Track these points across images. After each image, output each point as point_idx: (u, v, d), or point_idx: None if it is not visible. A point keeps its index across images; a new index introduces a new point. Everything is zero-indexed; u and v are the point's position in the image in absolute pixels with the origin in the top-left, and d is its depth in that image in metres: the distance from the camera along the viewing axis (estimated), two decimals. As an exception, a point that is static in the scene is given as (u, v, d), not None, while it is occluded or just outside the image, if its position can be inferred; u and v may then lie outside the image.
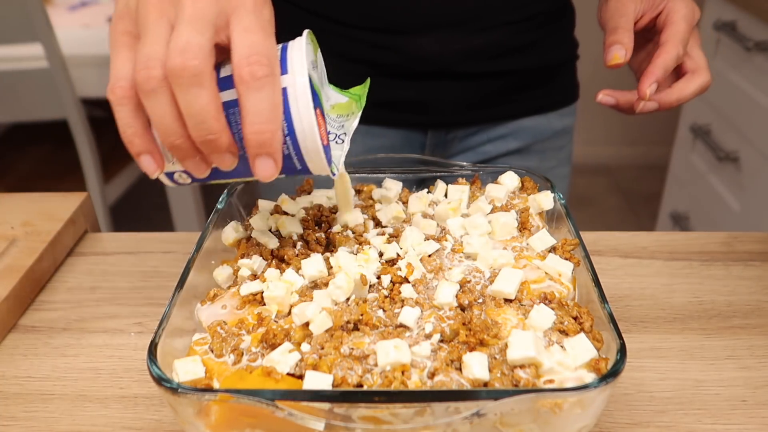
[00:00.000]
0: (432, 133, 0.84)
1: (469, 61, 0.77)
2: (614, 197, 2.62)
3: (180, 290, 0.47)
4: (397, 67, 0.77)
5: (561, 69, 0.86)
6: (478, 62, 0.78)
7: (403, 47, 0.76)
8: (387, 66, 0.77)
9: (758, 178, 1.44)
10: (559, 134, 0.87)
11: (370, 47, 0.76)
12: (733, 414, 0.49)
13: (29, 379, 0.54)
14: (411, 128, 0.83)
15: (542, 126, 0.85)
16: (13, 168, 1.80)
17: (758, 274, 0.65)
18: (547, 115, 0.85)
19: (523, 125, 0.85)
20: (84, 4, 1.97)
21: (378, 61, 0.77)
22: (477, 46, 0.77)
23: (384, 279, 0.49)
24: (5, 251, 0.65)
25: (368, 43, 0.76)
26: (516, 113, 0.84)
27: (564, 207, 0.56)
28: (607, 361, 0.41)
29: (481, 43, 0.77)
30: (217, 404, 0.39)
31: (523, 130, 0.85)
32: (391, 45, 0.76)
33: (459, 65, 0.77)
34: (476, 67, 0.78)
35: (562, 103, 0.87)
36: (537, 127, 0.85)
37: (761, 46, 1.40)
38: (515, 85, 0.82)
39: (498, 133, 0.85)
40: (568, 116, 0.88)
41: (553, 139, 0.87)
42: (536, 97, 0.84)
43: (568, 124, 0.88)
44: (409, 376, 0.40)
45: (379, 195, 0.60)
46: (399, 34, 0.75)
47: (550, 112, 0.86)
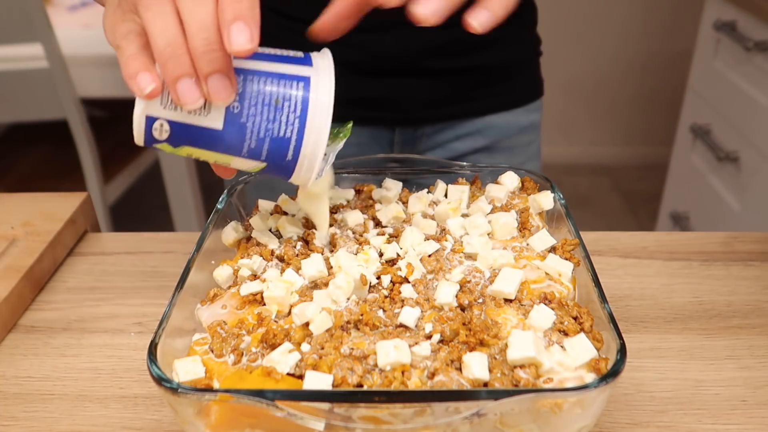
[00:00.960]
0: (399, 130, 0.85)
1: (432, 57, 0.78)
2: (614, 197, 2.62)
3: (180, 290, 0.47)
4: (362, 64, 0.78)
5: (524, 66, 0.87)
6: (442, 59, 0.79)
7: (366, 45, 0.77)
8: (352, 63, 0.78)
9: (758, 178, 1.44)
10: (526, 130, 0.88)
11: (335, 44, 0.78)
12: (733, 414, 0.49)
13: (29, 379, 0.54)
14: (378, 125, 0.84)
15: (509, 122, 0.87)
16: (13, 168, 1.80)
17: (758, 274, 0.65)
18: (513, 111, 0.87)
19: (490, 122, 0.86)
20: (84, 4, 1.97)
21: (344, 59, 0.78)
22: (439, 43, 0.78)
23: (384, 279, 0.49)
24: (5, 251, 0.65)
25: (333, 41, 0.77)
26: (482, 110, 0.85)
27: (564, 207, 0.56)
28: (607, 361, 0.41)
29: (443, 39, 0.77)
30: (217, 404, 0.39)
31: (491, 126, 0.86)
32: (354, 42, 0.76)
33: (422, 62, 0.78)
34: (440, 64, 0.79)
35: (527, 100, 0.88)
36: (504, 123, 0.86)
37: (761, 46, 1.40)
38: (480, 81, 0.83)
39: (466, 130, 0.85)
40: (534, 112, 0.89)
41: (521, 135, 0.88)
42: (501, 94, 0.85)
43: (535, 120, 0.90)
44: (409, 376, 0.40)
45: (379, 195, 0.60)
46: (362, 32, 0.76)
47: (516, 109, 0.87)
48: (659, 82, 2.64)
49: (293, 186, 0.62)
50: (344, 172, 0.63)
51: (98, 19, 1.96)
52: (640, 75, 2.65)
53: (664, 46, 2.56)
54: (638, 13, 2.53)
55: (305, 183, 0.47)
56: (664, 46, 2.56)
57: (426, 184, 0.62)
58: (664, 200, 1.91)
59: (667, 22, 2.52)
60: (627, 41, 2.58)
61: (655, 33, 2.56)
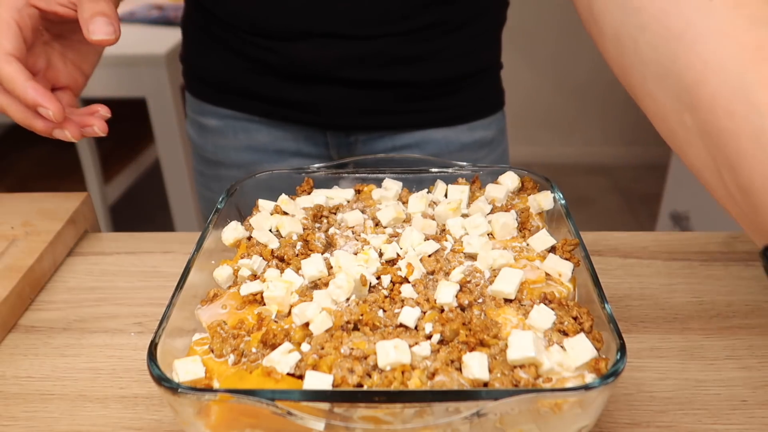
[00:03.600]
0: (330, 134, 0.86)
1: (351, 68, 0.78)
2: (614, 197, 2.63)
3: (180, 290, 0.47)
4: (283, 68, 0.80)
5: (470, 80, 0.83)
6: (362, 70, 0.78)
7: (284, 51, 0.78)
8: (274, 67, 0.80)
9: (758, 178, 1.44)
10: (469, 147, 0.85)
11: (258, 48, 0.80)
12: (734, 414, 0.49)
13: (29, 379, 0.54)
14: (308, 127, 0.85)
15: (449, 138, 0.84)
16: (13, 168, 1.80)
17: (758, 274, 0.65)
18: (455, 128, 0.84)
19: (429, 136, 0.84)
20: (84, 4, 1.97)
21: (266, 62, 0.81)
22: (356, 54, 0.77)
23: (384, 279, 0.49)
24: (5, 251, 0.65)
25: (256, 45, 0.80)
26: (419, 123, 0.84)
27: (564, 207, 0.56)
28: (607, 361, 0.41)
29: (361, 51, 0.77)
30: (217, 404, 0.39)
31: (429, 141, 0.84)
32: (274, 48, 0.79)
33: (339, 71, 0.78)
34: (361, 75, 0.79)
35: (473, 117, 0.85)
36: (444, 139, 0.84)
37: (761, 46, 1.40)
38: (414, 95, 0.81)
39: (403, 141, 0.84)
40: (482, 129, 0.86)
41: (463, 152, 0.85)
42: (440, 109, 0.83)
43: (483, 137, 0.86)
44: (409, 376, 0.40)
45: (378, 195, 0.60)
46: (279, 40, 0.78)
47: (458, 125, 0.84)
48: (659, 82, 2.64)
49: (293, 186, 0.62)
50: (344, 172, 0.63)
51: (98, 19, 1.93)
52: (640, 75, 2.64)
53: (664, 46, 2.56)
54: (638, 13, 2.52)
55: None
56: (664, 46, 2.56)
57: (426, 182, 0.62)
58: (664, 200, 1.91)
59: (667, 22, 2.52)
60: (627, 41, 2.57)
61: (655, 33, 2.55)
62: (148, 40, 1.65)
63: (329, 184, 0.62)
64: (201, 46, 0.86)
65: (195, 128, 0.91)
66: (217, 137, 0.88)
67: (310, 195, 0.61)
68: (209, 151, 0.90)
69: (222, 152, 0.89)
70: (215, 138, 0.88)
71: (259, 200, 0.59)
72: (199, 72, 0.89)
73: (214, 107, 0.87)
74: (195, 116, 0.90)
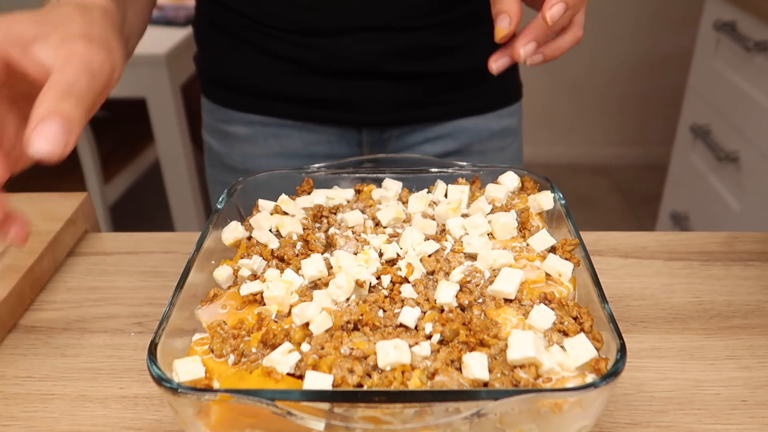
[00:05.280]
0: (367, 131, 0.85)
1: (395, 61, 0.78)
2: (614, 197, 2.62)
3: (180, 290, 0.47)
4: (323, 66, 0.78)
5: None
6: (405, 62, 0.78)
7: (327, 48, 0.77)
8: (313, 65, 0.79)
9: (758, 178, 1.44)
10: (498, 135, 0.87)
11: (296, 46, 0.78)
12: (734, 414, 0.49)
13: (29, 379, 0.54)
14: (344, 126, 0.84)
15: (480, 127, 0.86)
16: (13, 168, 1.80)
17: (758, 274, 0.65)
18: (484, 116, 0.86)
19: (460, 126, 0.85)
20: (84, 4, 1.97)
21: (305, 60, 0.79)
22: (401, 47, 0.77)
23: (384, 279, 0.49)
24: (5, 251, 0.65)
25: (293, 43, 0.78)
26: (451, 114, 0.84)
27: (564, 207, 0.56)
28: (607, 361, 0.41)
29: (406, 44, 0.77)
30: (217, 404, 0.39)
31: (461, 130, 0.85)
32: (314, 45, 0.77)
33: (384, 65, 0.78)
34: (403, 68, 0.79)
35: (500, 104, 0.87)
36: (475, 128, 0.85)
37: (761, 46, 1.40)
38: (448, 85, 0.82)
39: (435, 133, 0.85)
40: (508, 117, 0.88)
41: (493, 140, 0.87)
42: (471, 98, 0.84)
43: (509, 125, 0.88)
44: (409, 376, 0.40)
45: (378, 195, 0.60)
46: (322, 36, 0.77)
47: (487, 113, 0.86)
48: (659, 82, 2.64)
49: (293, 186, 0.62)
50: (344, 172, 0.63)
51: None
52: (640, 75, 2.65)
53: (664, 46, 2.57)
54: (638, 13, 2.53)
55: None
56: (664, 46, 2.56)
57: (426, 182, 0.62)
58: (664, 200, 1.91)
59: (667, 22, 2.53)
60: (627, 41, 2.58)
61: (655, 33, 2.56)
62: (148, 40, 1.64)
63: (329, 184, 0.62)
64: (224, 50, 0.83)
65: (217, 136, 0.87)
66: (246, 145, 0.85)
67: (310, 195, 0.61)
68: (236, 160, 0.86)
69: (251, 161, 0.85)
70: (243, 146, 0.85)
71: (259, 200, 0.59)
72: (221, 77, 0.85)
73: (240, 113, 0.84)
74: (217, 124, 0.87)
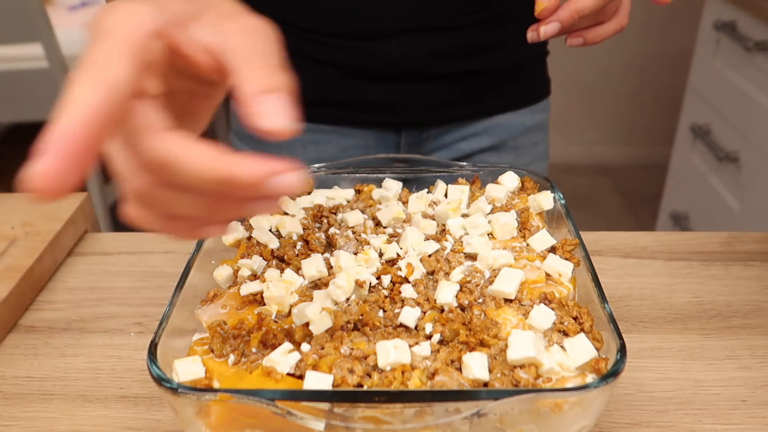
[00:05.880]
0: (406, 133, 0.85)
1: (439, 62, 0.78)
2: (614, 197, 2.62)
3: (180, 290, 0.47)
4: (367, 69, 0.78)
5: (529, 66, 0.87)
6: (449, 63, 0.79)
7: (371, 51, 0.77)
8: (357, 68, 0.78)
9: (758, 178, 1.44)
10: (532, 130, 0.88)
11: (339, 51, 0.78)
12: (734, 414, 0.49)
13: (29, 379, 0.54)
14: (383, 128, 0.84)
15: (515, 122, 0.86)
16: (13, 168, 1.80)
17: (758, 274, 0.65)
18: (519, 112, 0.86)
19: (496, 122, 0.85)
20: (84, 4, 1.97)
21: (348, 64, 0.79)
22: (445, 48, 0.77)
23: (384, 279, 0.49)
24: (5, 251, 0.65)
25: (337, 47, 0.77)
26: (488, 111, 0.85)
27: (564, 207, 0.56)
28: (607, 361, 0.41)
29: (450, 44, 0.77)
30: (217, 404, 0.39)
31: (496, 126, 0.86)
32: (359, 49, 0.77)
33: (428, 66, 0.78)
34: (446, 68, 0.79)
35: (533, 100, 0.88)
36: (510, 123, 0.86)
37: (761, 46, 1.40)
38: (487, 83, 0.82)
39: (472, 130, 0.85)
40: (540, 112, 0.89)
41: (527, 135, 0.88)
42: (507, 95, 0.85)
43: (541, 120, 0.89)
44: (409, 376, 0.40)
45: (379, 195, 0.60)
46: (367, 40, 0.77)
47: (522, 109, 0.87)
48: (659, 82, 2.64)
49: (293, 186, 0.62)
50: (344, 172, 0.63)
51: (98, 19, 1.93)
52: (640, 75, 2.65)
53: (664, 46, 2.56)
54: (638, 13, 2.52)
55: None
56: (664, 46, 2.56)
57: (426, 182, 0.62)
58: (664, 200, 1.91)
59: (667, 22, 2.53)
60: (627, 41, 2.58)
61: (655, 33, 2.56)
62: (148, 40, 1.64)
63: (329, 184, 0.62)
64: None
65: (251, 144, 0.86)
66: (282, 152, 0.84)
67: (310, 195, 0.61)
68: None
69: None
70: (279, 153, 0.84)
71: (259, 200, 0.59)
72: None
73: None
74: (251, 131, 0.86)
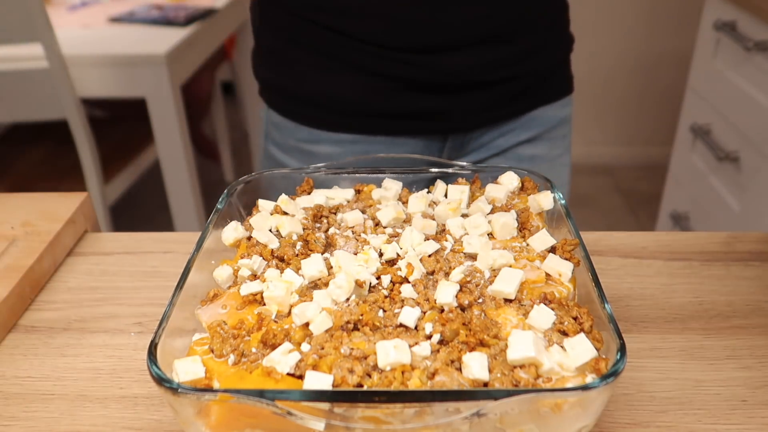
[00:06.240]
0: (452, 138, 0.86)
1: (491, 70, 0.81)
2: (614, 197, 2.62)
3: (180, 290, 0.47)
4: (429, 81, 0.79)
5: (561, 63, 0.90)
6: (502, 70, 0.81)
7: (436, 64, 0.78)
8: (417, 81, 0.79)
9: (758, 178, 1.44)
10: (562, 123, 0.91)
11: (403, 65, 0.79)
12: (734, 414, 0.49)
13: (29, 379, 0.54)
14: (431, 135, 0.85)
15: (548, 116, 0.89)
16: (13, 168, 1.80)
17: (758, 274, 0.65)
18: (551, 105, 0.89)
19: (532, 116, 0.88)
20: (84, 4, 1.97)
21: (409, 77, 0.80)
22: (503, 56, 0.80)
23: (384, 279, 0.49)
24: (5, 251, 0.65)
25: (401, 61, 0.78)
26: (526, 107, 0.87)
27: (564, 207, 0.56)
28: (608, 361, 0.41)
29: (506, 52, 0.80)
30: (217, 404, 0.39)
31: (532, 120, 0.88)
32: (424, 63, 0.78)
33: (485, 75, 0.80)
34: (500, 74, 0.81)
35: (563, 94, 0.91)
36: (543, 117, 0.89)
37: (761, 46, 1.40)
38: (528, 83, 0.85)
39: (509, 126, 0.88)
40: (567, 107, 0.92)
41: (558, 127, 0.91)
42: (542, 91, 0.88)
43: (568, 114, 0.92)
44: (409, 376, 0.40)
45: (378, 195, 0.60)
46: (432, 53, 0.78)
47: (554, 102, 0.89)
48: (659, 82, 2.64)
49: (293, 186, 0.62)
50: (344, 172, 0.63)
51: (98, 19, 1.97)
52: (640, 75, 2.65)
53: (664, 46, 2.56)
54: (638, 13, 2.53)
55: None
56: (664, 46, 2.56)
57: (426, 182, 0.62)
58: (664, 200, 1.91)
59: (667, 22, 2.52)
60: (627, 41, 2.58)
61: (655, 33, 2.55)
62: (148, 40, 1.65)
63: (329, 184, 0.62)
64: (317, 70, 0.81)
65: (298, 156, 0.86)
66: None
67: (310, 195, 0.61)
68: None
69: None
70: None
71: (259, 200, 0.59)
72: (312, 97, 0.83)
73: (328, 133, 0.83)
74: (299, 144, 0.85)
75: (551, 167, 0.92)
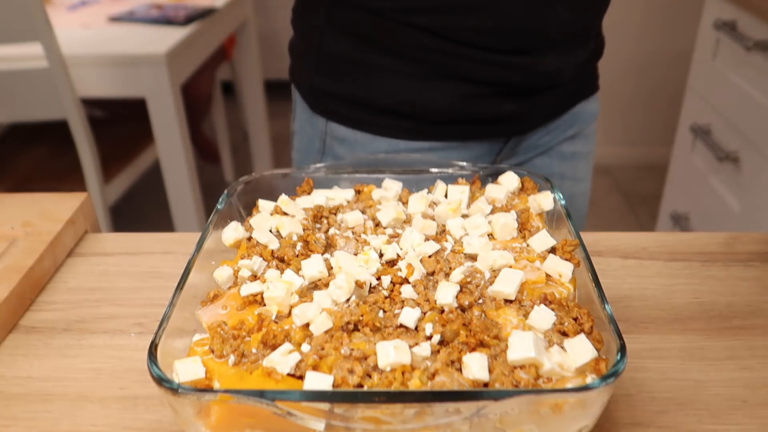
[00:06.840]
0: (514, 139, 0.86)
1: (573, 71, 0.82)
2: (614, 197, 2.62)
3: (180, 291, 0.47)
4: (519, 84, 0.79)
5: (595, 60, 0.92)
6: (576, 70, 0.83)
7: (530, 66, 0.78)
8: (510, 84, 0.78)
9: (758, 178, 1.44)
10: (594, 118, 0.94)
11: (498, 68, 0.77)
12: (734, 414, 0.49)
13: (30, 380, 0.54)
14: (496, 138, 0.84)
15: (586, 110, 0.91)
16: (13, 168, 1.80)
17: (758, 274, 0.65)
18: (588, 101, 0.91)
19: (571, 113, 0.89)
20: (84, 3, 1.97)
21: (505, 81, 0.78)
22: (580, 56, 0.82)
23: (384, 279, 0.49)
24: (5, 251, 0.65)
25: (497, 65, 0.76)
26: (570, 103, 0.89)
27: (564, 207, 0.56)
28: (608, 361, 0.41)
29: (582, 53, 0.82)
30: (217, 404, 0.39)
31: (572, 117, 0.89)
32: (520, 65, 0.77)
33: (566, 76, 0.82)
34: (573, 75, 0.83)
35: (594, 89, 0.93)
36: (584, 111, 0.90)
37: (761, 46, 1.40)
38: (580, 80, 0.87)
39: (554, 125, 0.88)
40: (597, 102, 0.94)
41: (592, 123, 0.93)
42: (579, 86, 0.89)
43: (598, 109, 0.94)
44: (410, 377, 0.40)
45: (378, 195, 0.60)
46: (529, 55, 0.77)
47: (590, 96, 0.91)
48: (659, 82, 2.64)
49: (293, 186, 0.62)
50: (344, 172, 0.63)
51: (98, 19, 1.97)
52: (640, 75, 2.65)
53: (664, 46, 2.56)
54: (638, 13, 2.53)
55: None
56: (664, 46, 2.56)
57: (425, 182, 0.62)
58: (664, 200, 1.91)
59: (667, 22, 2.52)
60: (627, 41, 2.58)
61: (655, 33, 2.55)
62: (148, 40, 1.65)
63: (329, 184, 0.62)
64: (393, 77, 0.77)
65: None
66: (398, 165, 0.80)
67: (310, 195, 0.61)
68: None
69: None
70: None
71: (259, 201, 0.59)
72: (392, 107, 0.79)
73: (408, 142, 0.80)
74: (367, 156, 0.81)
75: (586, 163, 0.93)
